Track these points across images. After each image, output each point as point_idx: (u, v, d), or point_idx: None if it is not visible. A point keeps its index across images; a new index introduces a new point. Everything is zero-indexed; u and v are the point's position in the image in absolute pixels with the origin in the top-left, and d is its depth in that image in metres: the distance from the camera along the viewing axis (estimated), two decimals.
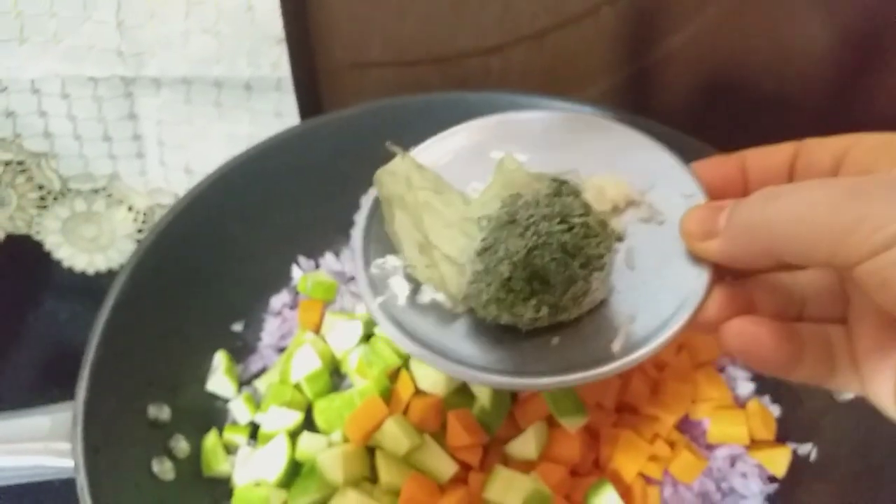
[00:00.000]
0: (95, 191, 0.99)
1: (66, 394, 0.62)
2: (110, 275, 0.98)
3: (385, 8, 0.87)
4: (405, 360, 0.69)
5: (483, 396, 0.65)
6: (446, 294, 0.48)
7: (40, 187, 0.97)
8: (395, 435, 0.63)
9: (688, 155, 0.77)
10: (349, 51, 0.90)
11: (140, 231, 0.99)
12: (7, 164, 0.94)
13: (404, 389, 0.67)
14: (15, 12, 0.82)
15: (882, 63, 0.88)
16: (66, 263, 0.99)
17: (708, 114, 0.96)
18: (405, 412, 0.67)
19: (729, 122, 0.95)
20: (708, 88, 0.95)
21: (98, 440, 0.60)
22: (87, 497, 0.56)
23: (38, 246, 0.99)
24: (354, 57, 0.91)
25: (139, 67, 0.87)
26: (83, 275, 0.99)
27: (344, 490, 0.61)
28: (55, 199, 0.98)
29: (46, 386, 0.90)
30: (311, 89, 0.93)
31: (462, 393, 0.67)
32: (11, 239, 0.98)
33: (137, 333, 0.67)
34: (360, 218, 0.53)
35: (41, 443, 0.60)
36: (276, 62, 0.87)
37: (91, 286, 0.98)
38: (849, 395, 0.66)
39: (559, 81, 0.91)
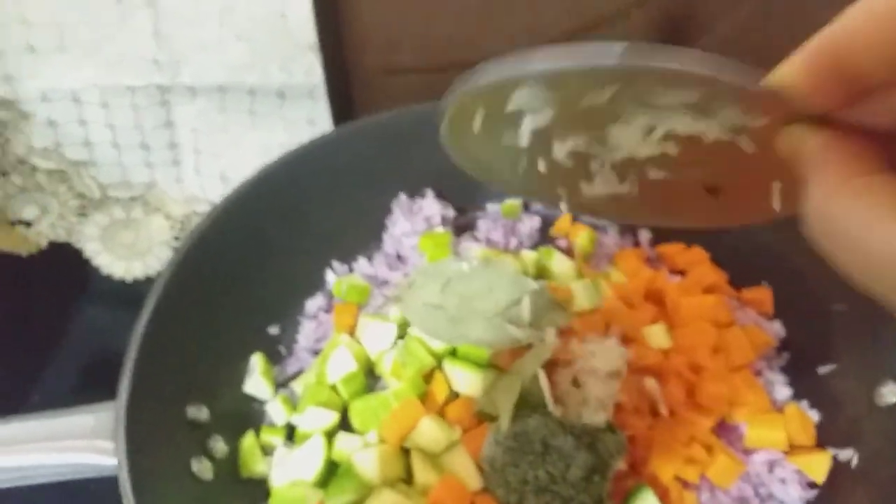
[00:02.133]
0: (133, 199, 1.00)
1: (106, 398, 0.63)
2: (148, 282, 1.00)
3: (415, 14, 0.87)
4: (439, 361, 0.69)
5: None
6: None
7: (80, 195, 0.99)
8: (431, 433, 0.64)
9: None
10: (380, 57, 0.91)
11: (176, 238, 1.01)
12: (49, 172, 0.97)
13: (439, 390, 0.67)
14: (54, 23, 0.84)
15: None
16: (104, 270, 1.01)
17: None
18: (440, 413, 0.67)
19: None
20: None
21: (140, 439, 0.61)
22: (130, 494, 0.57)
23: (77, 253, 1.01)
24: (385, 63, 0.92)
25: (175, 75, 0.89)
26: (121, 282, 1.01)
27: (380, 490, 0.62)
28: (95, 207, 1.00)
29: (85, 391, 0.91)
30: (343, 96, 0.94)
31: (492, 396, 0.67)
32: (53, 246, 1.00)
33: (176, 335, 0.68)
34: None
35: (85, 440, 0.61)
36: (309, 69, 0.88)
37: (129, 293, 1.00)
38: (891, 400, 0.65)
39: None
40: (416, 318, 0.68)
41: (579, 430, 0.59)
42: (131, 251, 1.01)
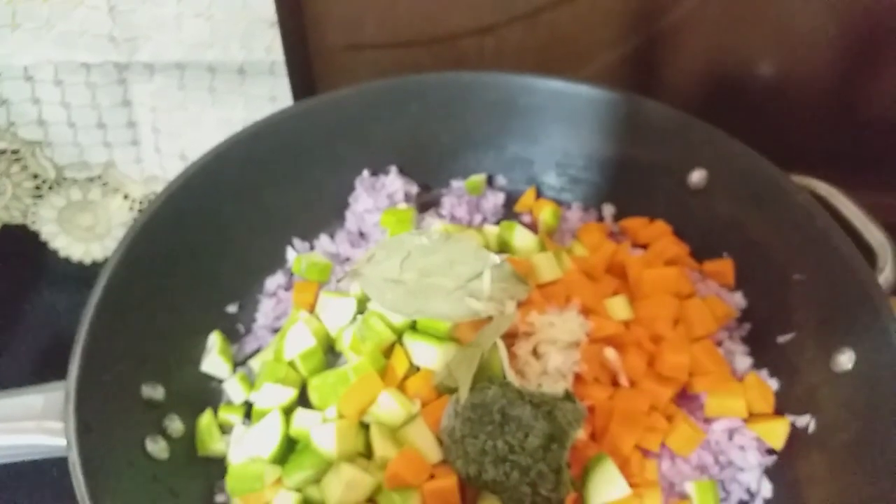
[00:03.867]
0: (91, 179, 0.98)
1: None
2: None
3: None
4: (399, 336, 0.68)
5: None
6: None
7: (35, 176, 0.97)
8: (390, 407, 0.63)
9: (689, 134, 0.78)
10: (342, 33, 0.90)
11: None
12: (1, 152, 0.94)
13: (399, 364, 0.67)
14: None
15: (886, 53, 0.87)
16: (62, 253, 0.99)
17: (704, 93, 0.96)
18: (400, 387, 0.66)
19: (727, 101, 0.95)
20: (704, 67, 0.95)
21: (90, 418, 0.59)
22: (80, 474, 0.56)
23: (34, 236, 0.98)
24: (348, 39, 0.91)
25: (132, 53, 0.87)
26: (80, 264, 0.98)
27: (338, 464, 0.61)
28: (50, 188, 0.98)
29: (44, 374, 0.89)
30: (304, 72, 0.92)
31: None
32: (7, 229, 0.98)
33: (130, 313, 0.67)
34: None
35: (34, 421, 0.60)
36: (270, 45, 0.86)
37: (87, 276, 0.97)
38: (848, 367, 0.66)
39: (555, 60, 0.91)
40: (376, 292, 0.67)
41: (538, 399, 0.58)
42: (90, 233, 0.99)
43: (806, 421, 0.67)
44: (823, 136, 0.94)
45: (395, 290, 0.67)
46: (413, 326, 0.69)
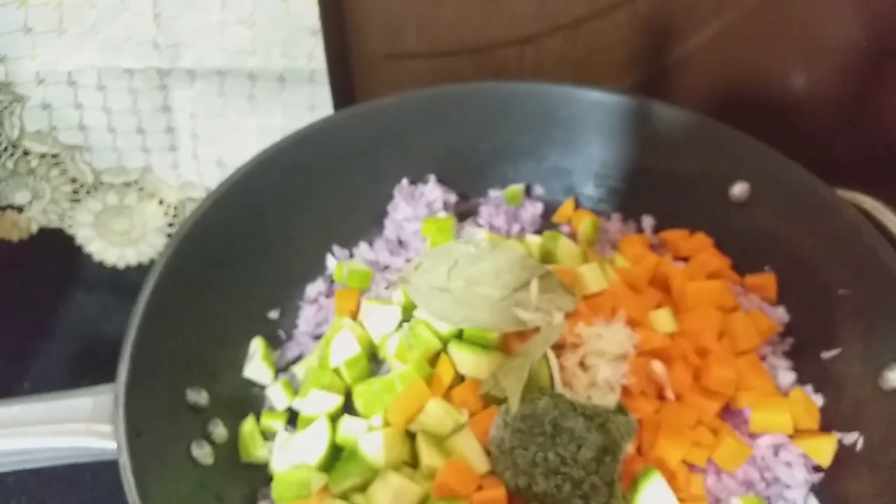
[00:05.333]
0: (128, 184, 0.99)
1: (97, 385, 0.62)
2: (140, 269, 0.98)
3: None
4: (445, 344, 0.68)
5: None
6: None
7: (73, 180, 0.97)
8: (438, 416, 0.63)
9: (730, 147, 0.78)
10: (383, 42, 0.91)
11: (171, 225, 1.00)
12: (42, 156, 0.95)
13: (445, 373, 0.66)
14: (55, 3, 0.83)
15: None
16: (96, 257, 0.99)
17: (741, 105, 0.95)
18: (446, 396, 0.66)
19: (765, 114, 0.94)
20: (741, 79, 0.95)
21: (139, 422, 0.59)
22: (131, 477, 0.56)
23: (69, 239, 0.99)
24: (388, 48, 0.91)
25: (175, 59, 0.88)
26: (114, 268, 0.99)
27: (385, 473, 0.61)
28: (88, 192, 0.98)
29: (77, 377, 0.89)
30: (344, 81, 0.93)
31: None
32: (44, 232, 0.98)
33: (175, 318, 0.67)
34: None
35: (84, 424, 0.60)
36: (311, 53, 0.87)
37: (121, 280, 0.98)
38: (895, 384, 0.65)
39: (593, 71, 0.91)
40: (423, 300, 0.67)
41: (590, 411, 0.58)
42: (125, 238, 1.00)
43: (854, 438, 0.67)
44: (862, 151, 0.94)
45: (442, 299, 0.67)
46: (459, 335, 0.69)
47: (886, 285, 0.67)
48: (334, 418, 0.67)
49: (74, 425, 0.60)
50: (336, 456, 0.66)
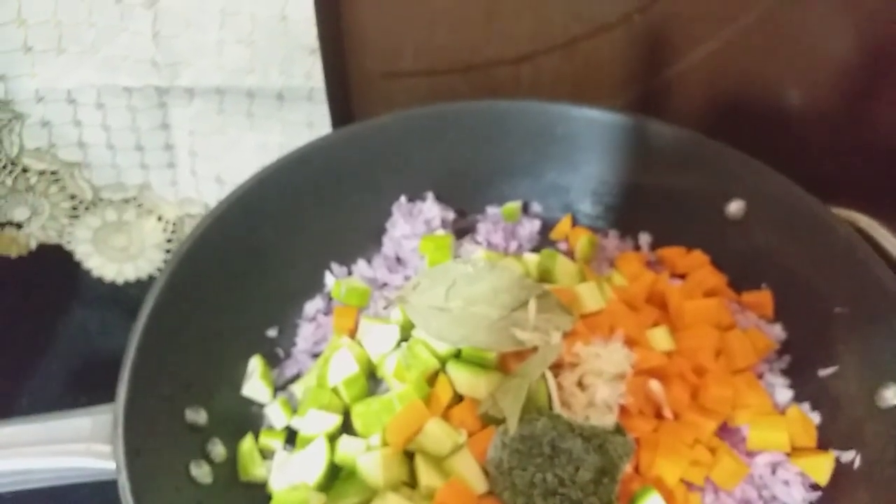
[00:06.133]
0: (126, 200, 0.99)
1: (95, 402, 0.62)
2: (139, 284, 0.98)
3: (417, 18, 0.87)
4: (443, 364, 0.68)
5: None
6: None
7: (72, 197, 0.98)
8: (436, 436, 0.63)
9: (727, 165, 0.79)
10: (381, 60, 0.91)
11: (169, 241, 1.00)
12: (41, 173, 0.95)
13: (443, 393, 0.67)
14: (54, 21, 0.83)
15: None
16: (95, 273, 0.99)
17: (738, 124, 0.96)
18: (444, 416, 0.66)
19: (753, 132, 0.95)
20: (739, 98, 0.95)
21: (138, 442, 0.60)
22: (130, 498, 0.56)
23: (68, 256, 0.99)
24: (386, 66, 0.92)
25: (173, 77, 0.88)
26: (112, 284, 0.99)
27: (384, 494, 0.61)
28: (87, 208, 0.99)
29: (76, 394, 0.89)
30: (342, 99, 0.93)
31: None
32: (43, 248, 0.98)
33: (174, 338, 0.67)
34: None
35: (83, 444, 0.60)
36: (310, 72, 0.87)
37: (120, 296, 0.98)
38: (893, 402, 0.66)
39: (590, 89, 0.92)
40: (421, 319, 0.67)
41: (588, 432, 0.58)
42: (123, 254, 1.00)
43: (851, 456, 0.67)
44: (857, 169, 0.94)
45: (440, 318, 0.67)
46: (457, 355, 0.69)
47: (882, 303, 0.67)
48: (333, 438, 0.67)
49: (73, 445, 0.60)
50: (335, 475, 0.66)
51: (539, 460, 0.57)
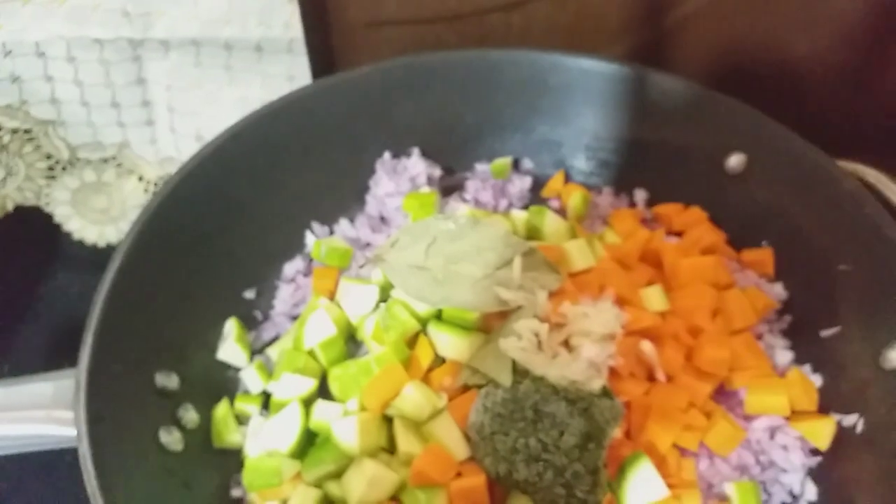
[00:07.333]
0: (105, 160, 0.96)
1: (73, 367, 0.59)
2: None
3: None
4: (424, 325, 0.65)
5: None
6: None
7: (48, 157, 0.94)
8: (415, 400, 0.60)
9: (726, 116, 0.74)
10: (363, 9, 0.87)
11: None
12: (14, 132, 0.92)
13: (423, 355, 0.64)
14: None
15: None
16: (76, 236, 0.96)
17: (738, 73, 0.91)
18: (425, 379, 0.63)
19: (762, 83, 0.90)
20: (738, 47, 0.90)
21: (102, 407, 0.57)
22: (90, 465, 0.54)
23: (47, 218, 0.96)
24: (369, 15, 0.87)
25: (146, 28, 0.84)
26: (94, 247, 0.96)
27: (360, 460, 0.58)
28: (64, 168, 0.95)
29: (57, 360, 0.87)
30: (323, 51, 0.89)
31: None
32: (20, 210, 0.95)
33: (143, 299, 0.65)
34: None
35: (43, 411, 0.58)
36: (288, 22, 0.83)
37: (102, 259, 0.92)
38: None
39: (584, 38, 0.87)
40: (399, 279, 0.64)
41: (574, 395, 0.55)
42: (104, 215, 0.97)
43: (853, 420, 0.64)
44: (863, 122, 0.90)
45: (419, 277, 0.64)
46: (438, 316, 0.65)
47: (889, 261, 0.64)
48: (308, 403, 0.64)
49: (34, 412, 0.58)
50: (310, 442, 0.63)
51: (522, 424, 0.54)
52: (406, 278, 0.64)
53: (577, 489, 0.53)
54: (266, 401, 0.69)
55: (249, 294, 0.76)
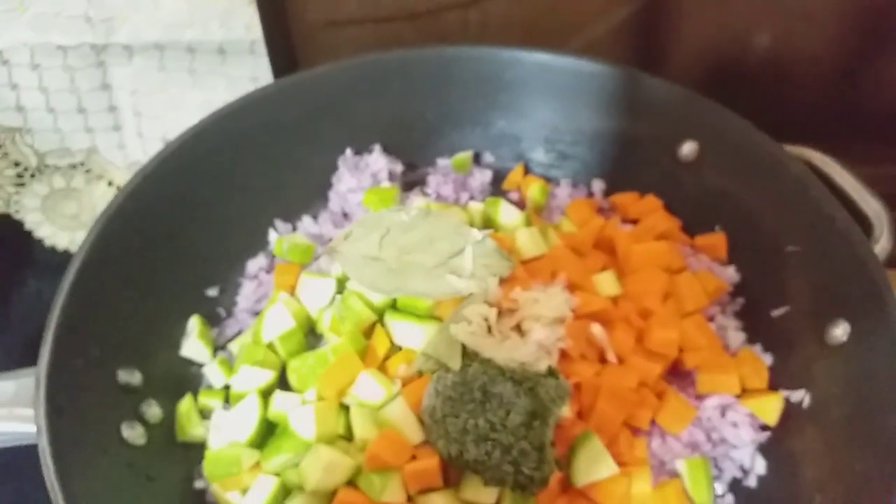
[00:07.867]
0: (73, 166, 0.97)
1: None
2: None
3: None
4: (380, 315, 0.67)
5: None
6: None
7: (16, 164, 0.95)
8: (370, 387, 0.61)
9: (678, 105, 0.76)
10: (322, 9, 0.88)
11: None
12: None
13: (380, 344, 0.65)
14: None
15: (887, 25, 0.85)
16: (47, 242, 0.97)
17: (698, 65, 0.93)
18: (382, 368, 0.65)
19: (724, 74, 0.92)
20: (698, 39, 0.92)
21: (63, 403, 0.58)
22: (50, 460, 0.55)
23: (18, 225, 0.97)
24: (328, 15, 0.88)
25: (109, 34, 0.85)
26: (65, 253, 0.97)
27: (316, 446, 0.59)
28: (32, 175, 0.96)
29: (27, 364, 0.88)
30: (285, 51, 0.90)
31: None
32: None
33: (104, 298, 0.66)
34: None
35: (5, 408, 0.59)
36: (250, 24, 0.84)
37: None
38: (843, 339, 0.64)
39: (541, 33, 0.89)
40: (354, 270, 0.65)
41: (519, 375, 0.56)
42: (74, 221, 0.98)
43: (800, 396, 0.65)
44: (821, 108, 0.91)
45: (373, 268, 0.65)
46: (394, 305, 0.67)
47: (833, 239, 0.65)
48: (267, 394, 0.65)
49: None
50: (271, 432, 0.64)
51: (471, 406, 0.56)
52: (360, 269, 0.65)
53: (524, 466, 0.54)
54: (228, 395, 0.69)
55: (212, 292, 0.77)
